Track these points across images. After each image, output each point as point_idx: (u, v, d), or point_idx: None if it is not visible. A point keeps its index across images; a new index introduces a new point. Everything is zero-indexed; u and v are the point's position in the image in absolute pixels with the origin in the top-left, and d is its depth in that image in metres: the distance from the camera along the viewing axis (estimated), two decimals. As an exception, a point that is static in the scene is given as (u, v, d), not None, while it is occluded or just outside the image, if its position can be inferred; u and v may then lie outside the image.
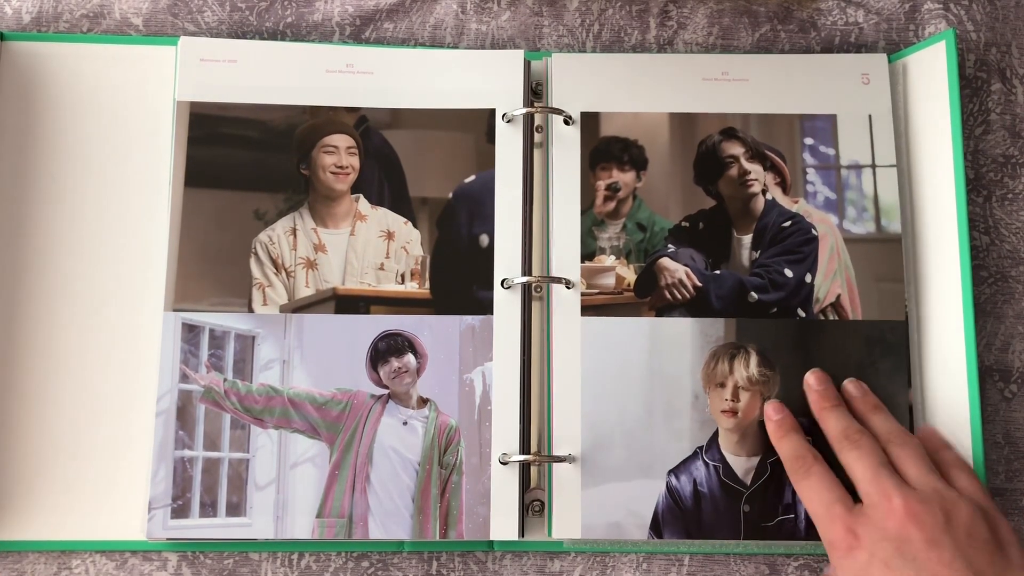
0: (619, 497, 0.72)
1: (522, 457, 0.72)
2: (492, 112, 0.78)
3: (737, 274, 0.75)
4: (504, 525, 0.72)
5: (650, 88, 0.79)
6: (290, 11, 0.82)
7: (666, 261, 0.76)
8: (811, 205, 0.77)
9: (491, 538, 0.72)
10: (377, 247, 0.76)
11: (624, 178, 0.77)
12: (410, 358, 0.74)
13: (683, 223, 0.77)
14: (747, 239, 0.76)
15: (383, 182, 0.77)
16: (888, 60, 0.79)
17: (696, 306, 0.75)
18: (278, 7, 0.82)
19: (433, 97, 0.78)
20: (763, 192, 0.77)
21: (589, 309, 0.75)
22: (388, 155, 0.78)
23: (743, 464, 0.72)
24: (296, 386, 0.73)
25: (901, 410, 0.73)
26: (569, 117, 0.77)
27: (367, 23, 0.82)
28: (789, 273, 0.75)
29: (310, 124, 0.77)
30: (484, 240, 0.76)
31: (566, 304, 0.75)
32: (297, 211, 0.76)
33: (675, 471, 0.72)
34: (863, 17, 0.82)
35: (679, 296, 0.75)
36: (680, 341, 0.74)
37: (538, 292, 0.75)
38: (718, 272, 0.75)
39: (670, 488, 0.72)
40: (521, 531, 0.72)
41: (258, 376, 0.73)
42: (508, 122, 0.77)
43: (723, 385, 0.73)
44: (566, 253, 0.75)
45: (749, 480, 0.72)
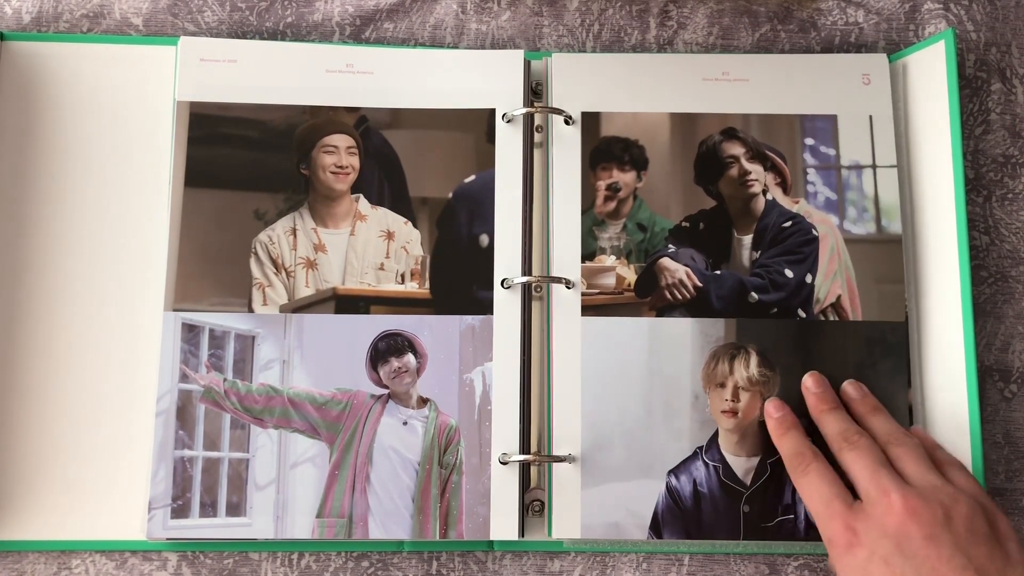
0: (619, 497, 0.72)
1: (522, 457, 0.72)
2: (492, 112, 0.78)
3: (737, 274, 0.75)
4: (504, 525, 0.72)
5: (651, 88, 0.79)
6: (290, 11, 0.82)
7: (666, 261, 0.76)
8: (811, 205, 0.77)
9: (491, 538, 0.72)
10: (377, 247, 0.76)
11: (625, 178, 0.77)
12: (410, 358, 0.74)
13: (683, 223, 0.77)
14: (747, 239, 0.76)
15: (383, 182, 0.77)
16: (888, 60, 0.79)
17: (696, 306, 0.75)
18: (278, 7, 0.82)
19: (433, 97, 0.78)
20: (764, 192, 0.77)
21: (589, 309, 0.75)
22: (388, 155, 0.78)
23: (743, 464, 0.72)
24: (296, 386, 0.73)
25: (901, 411, 0.73)
26: (569, 117, 0.77)
27: (367, 23, 0.82)
28: (789, 273, 0.75)
29: (310, 124, 0.77)
30: (484, 240, 0.76)
31: (566, 304, 0.75)
32: (297, 211, 0.76)
33: (675, 471, 0.72)
34: (863, 17, 0.82)
35: (679, 296, 0.75)
36: (680, 341, 0.74)
37: (538, 292, 0.75)
38: (718, 272, 0.75)
39: (670, 488, 0.72)
40: (521, 531, 0.72)
41: (258, 376, 0.73)
42: (508, 122, 0.77)
43: (723, 385, 0.73)
44: (566, 253, 0.75)
45: (749, 480, 0.72)
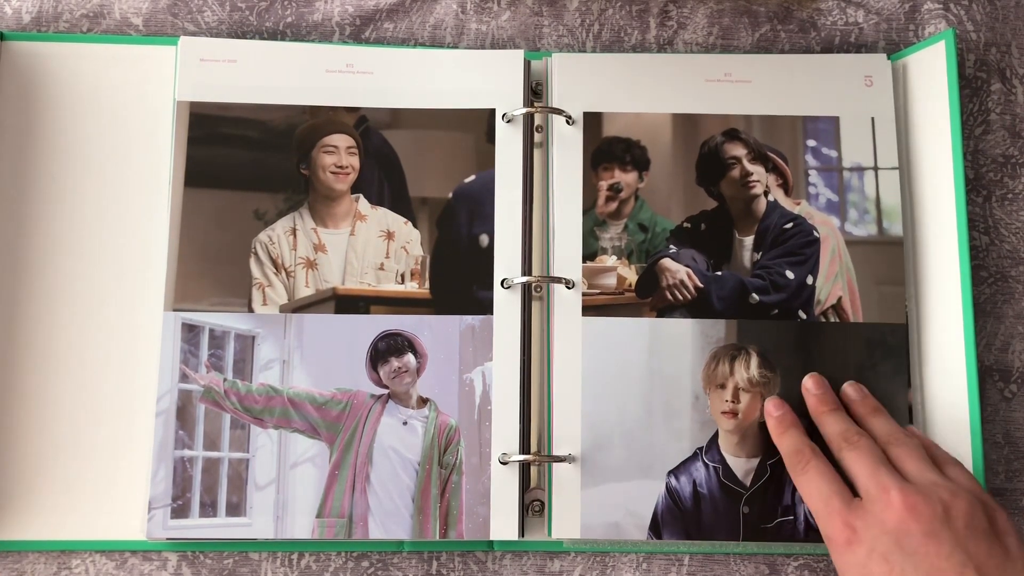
0: (619, 497, 0.72)
1: (522, 457, 0.72)
2: (492, 112, 0.78)
3: (738, 275, 0.75)
4: (504, 525, 0.72)
5: (652, 89, 0.78)
6: (290, 11, 0.82)
7: (668, 262, 0.76)
8: (813, 207, 0.77)
9: (491, 538, 0.72)
10: (377, 247, 0.76)
11: (626, 178, 0.77)
12: (410, 358, 0.74)
13: (685, 224, 0.77)
14: (749, 240, 0.76)
15: (383, 182, 0.77)
16: (888, 60, 0.79)
17: (697, 307, 0.75)
18: (278, 7, 0.81)
19: (433, 97, 0.78)
20: (765, 194, 0.77)
21: (590, 309, 0.75)
22: (388, 155, 0.78)
23: (743, 465, 0.72)
24: (296, 386, 0.73)
25: (901, 411, 0.73)
26: (570, 117, 0.77)
27: (367, 23, 0.82)
28: (790, 275, 0.75)
29: (310, 124, 0.77)
30: (484, 240, 0.76)
31: (567, 304, 0.75)
32: (297, 211, 0.76)
33: (675, 472, 0.72)
34: (863, 17, 0.82)
35: (680, 297, 0.75)
36: (681, 342, 0.74)
37: (538, 292, 0.75)
38: (719, 273, 0.75)
39: (670, 489, 0.72)
40: (521, 531, 0.72)
41: (258, 376, 0.73)
42: (508, 122, 0.77)
43: (723, 386, 0.73)
44: (567, 253, 0.75)
45: (749, 481, 0.72)
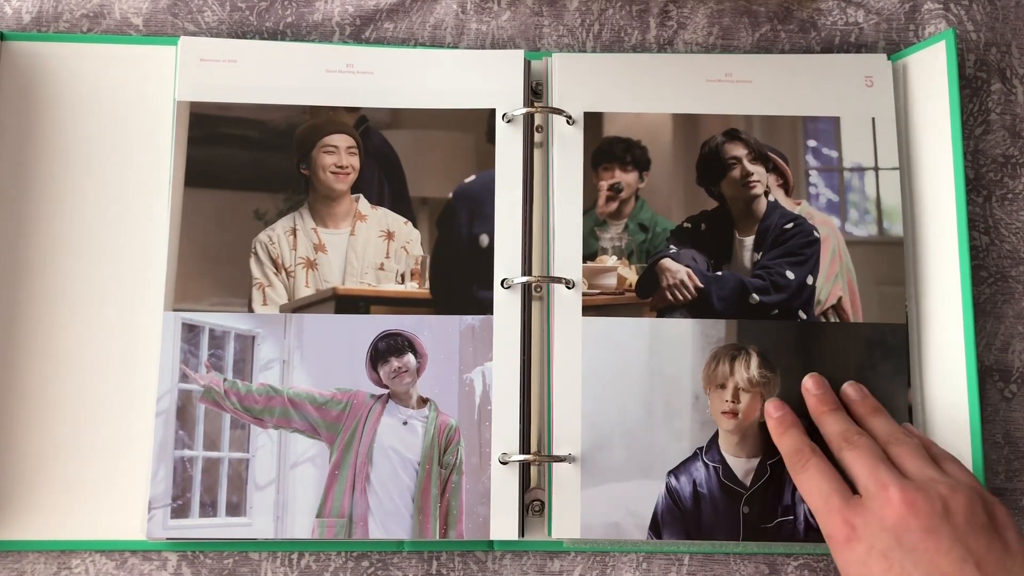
0: (619, 497, 0.72)
1: (522, 457, 0.72)
2: (492, 112, 0.78)
3: (739, 275, 0.75)
4: (504, 525, 0.72)
5: (653, 89, 0.78)
6: (290, 11, 0.81)
7: (668, 262, 0.76)
8: (813, 207, 0.77)
9: (491, 538, 0.72)
10: (377, 247, 0.76)
11: (627, 178, 0.77)
12: (410, 358, 0.74)
13: (685, 224, 0.77)
14: (749, 240, 0.76)
15: (383, 182, 0.77)
16: (888, 60, 0.79)
17: (697, 307, 0.75)
18: (278, 7, 0.81)
19: (433, 97, 0.78)
20: (765, 194, 0.77)
21: (590, 309, 0.75)
22: (388, 155, 0.78)
23: (743, 465, 0.72)
24: (296, 386, 0.73)
25: (901, 411, 0.73)
26: (570, 117, 0.77)
27: (367, 23, 0.82)
28: (791, 275, 0.75)
29: (310, 124, 0.77)
30: (484, 240, 0.76)
31: (567, 304, 0.75)
32: (297, 211, 0.76)
33: (675, 472, 0.72)
34: (863, 17, 0.82)
35: (680, 297, 0.75)
36: (681, 342, 0.74)
37: (538, 292, 0.75)
38: (720, 273, 0.75)
39: (670, 489, 0.72)
40: (521, 531, 0.72)
41: (258, 376, 0.73)
42: (508, 122, 0.77)
43: (723, 386, 0.73)
44: (567, 253, 0.75)
45: (749, 481, 0.72)
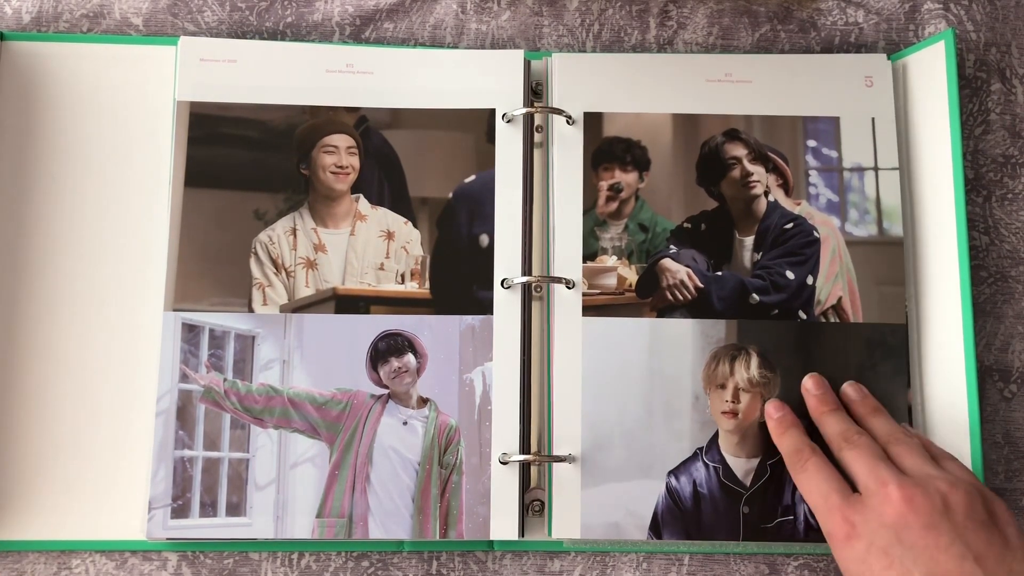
0: (619, 497, 0.72)
1: (522, 457, 0.72)
2: (492, 112, 0.78)
3: (739, 275, 0.75)
4: (504, 525, 0.72)
5: (653, 89, 0.78)
6: (290, 11, 0.81)
7: (668, 262, 0.76)
8: (813, 207, 0.77)
9: (491, 538, 0.72)
10: (377, 247, 0.76)
11: (627, 178, 0.77)
12: (410, 358, 0.74)
13: (685, 224, 0.77)
14: (749, 241, 0.76)
15: (383, 182, 0.77)
16: (888, 60, 0.79)
17: (697, 307, 0.75)
18: (278, 7, 0.81)
19: (433, 97, 0.78)
20: (765, 194, 0.77)
21: (590, 309, 0.75)
22: (388, 155, 0.78)
23: (743, 465, 0.72)
24: (296, 386, 0.73)
25: (901, 411, 0.73)
26: (570, 117, 0.77)
27: (367, 23, 0.82)
28: (791, 275, 0.75)
29: (310, 124, 0.77)
30: (484, 240, 0.76)
31: (567, 304, 0.75)
32: (297, 211, 0.76)
33: (675, 472, 0.72)
34: (863, 17, 0.82)
35: (680, 297, 0.75)
36: (681, 342, 0.74)
37: (538, 292, 0.75)
38: (720, 273, 0.75)
39: (670, 489, 0.72)
40: (521, 531, 0.72)
41: (258, 376, 0.73)
42: (508, 122, 0.77)
43: (724, 386, 0.73)
44: (567, 253, 0.75)
45: (749, 482, 0.72)
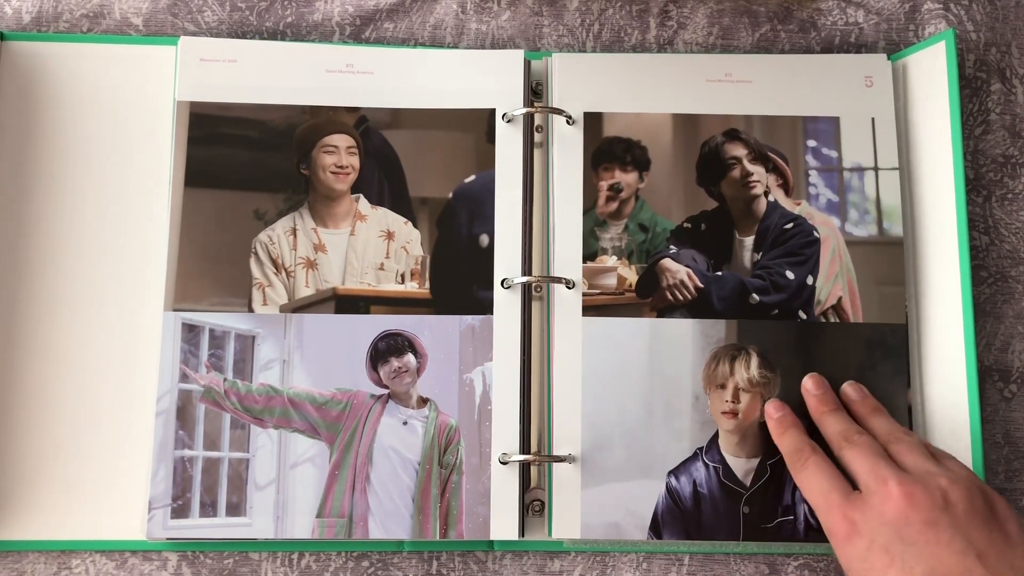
0: (619, 497, 0.72)
1: (522, 457, 0.72)
2: (492, 112, 0.78)
3: (739, 275, 0.75)
4: (504, 525, 0.72)
5: (653, 89, 0.78)
6: (290, 11, 0.81)
7: (668, 262, 0.76)
8: (813, 207, 0.77)
9: (491, 538, 0.72)
10: (377, 247, 0.76)
11: (627, 178, 0.77)
12: (410, 358, 0.74)
13: (685, 224, 0.77)
14: (749, 241, 0.76)
15: (383, 182, 0.77)
16: (888, 60, 0.79)
17: (697, 307, 0.75)
18: (278, 7, 0.81)
19: (433, 97, 0.78)
20: (765, 194, 0.77)
21: (590, 309, 0.75)
22: (388, 155, 0.78)
23: (743, 465, 0.72)
24: (296, 386, 0.73)
25: (901, 411, 0.73)
26: (570, 117, 0.77)
27: (367, 23, 0.82)
28: (791, 275, 0.75)
29: (310, 124, 0.77)
30: (484, 240, 0.76)
31: (567, 304, 0.75)
32: (297, 211, 0.76)
33: (675, 472, 0.72)
34: (863, 17, 0.82)
35: (680, 297, 0.75)
36: (681, 342, 0.74)
37: (538, 292, 0.75)
38: (720, 273, 0.75)
39: (670, 489, 0.72)
40: (521, 531, 0.72)
41: (258, 376, 0.73)
42: (508, 122, 0.77)
43: (724, 386, 0.73)
44: (567, 253, 0.75)
45: (749, 482, 0.72)
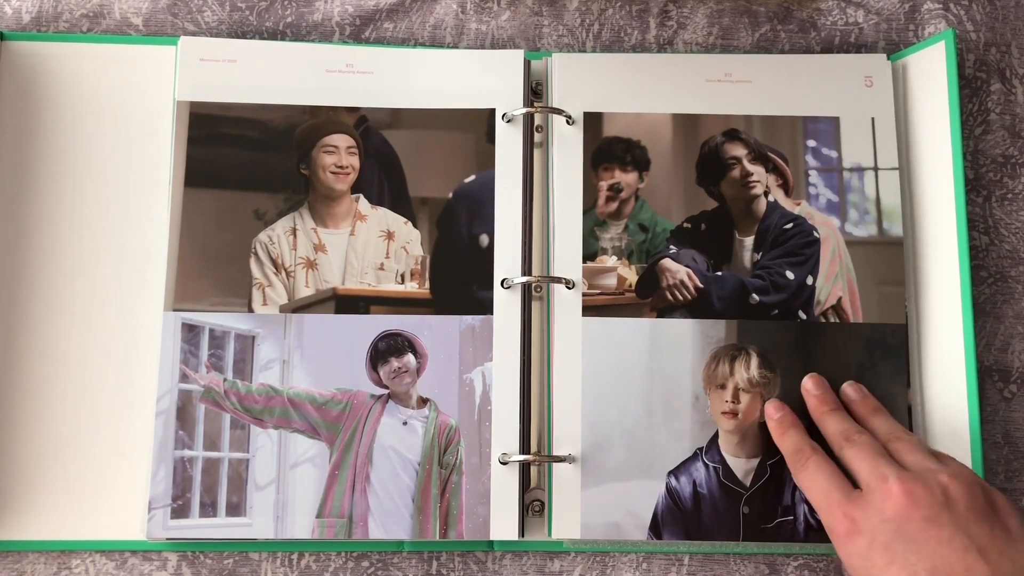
0: (619, 497, 0.72)
1: (522, 457, 0.72)
2: (492, 112, 0.78)
3: (738, 276, 0.75)
4: (504, 525, 0.72)
5: (653, 89, 0.78)
6: (290, 11, 0.81)
7: (668, 262, 0.76)
8: (813, 207, 0.77)
9: (491, 538, 0.72)
10: (377, 247, 0.76)
11: (626, 178, 0.77)
12: (410, 358, 0.74)
13: (685, 224, 0.77)
14: (749, 241, 0.76)
15: (383, 182, 0.77)
16: (888, 60, 0.79)
17: (697, 307, 0.75)
18: (278, 7, 0.81)
19: (433, 97, 0.78)
20: (765, 194, 0.77)
21: (590, 309, 0.75)
22: (388, 155, 0.78)
23: (743, 466, 0.72)
24: (296, 386, 0.73)
25: (901, 412, 0.73)
26: (570, 117, 0.77)
27: (367, 23, 0.82)
28: (790, 275, 0.75)
29: (310, 124, 0.77)
30: (484, 240, 0.76)
31: (567, 304, 0.75)
32: (297, 211, 0.76)
33: (675, 472, 0.72)
34: (863, 17, 0.82)
35: (680, 297, 0.75)
36: (681, 342, 0.74)
37: (538, 292, 0.75)
38: (720, 273, 0.75)
39: (670, 489, 0.72)
40: (521, 531, 0.72)
41: (258, 376, 0.73)
42: (508, 122, 0.77)
43: (723, 386, 0.73)
44: (567, 253, 0.75)
45: (749, 482, 0.72)
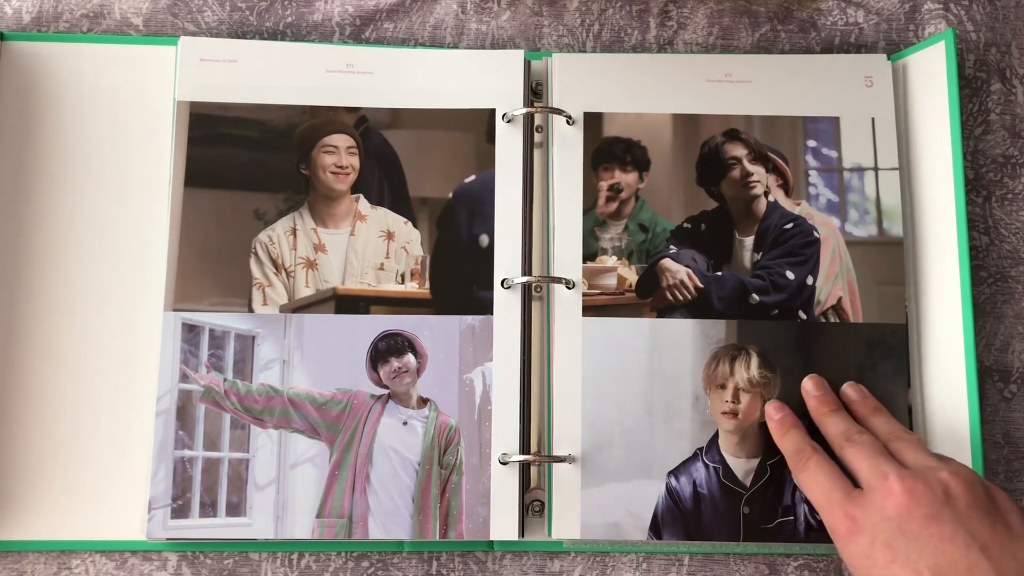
0: (619, 497, 0.72)
1: (522, 457, 0.72)
2: (492, 112, 0.78)
3: (739, 276, 0.75)
4: (504, 525, 0.72)
5: (653, 89, 0.78)
6: (290, 11, 0.81)
7: (668, 262, 0.76)
8: (813, 207, 0.77)
9: (491, 538, 0.72)
10: (377, 247, 0.76)
11: (626, 179, 0.77)
12: (410, 358, 0.74)
13: (685, 224, 0.77)
14: (749, 241, 0.76)
15: (383, 182, 0.77)
16: (888, 60, 0.79)
17: (697, 307, 0.75)
18: (278, 7, 0.81)
19: (433, 97, 0.78)
20: (765, 194, 0.77)
21: (590, 309, 0.75)
22: (388, 155, 0.78)
23: (743, 466, 0.72)
24: (296, 386, 0.73)
25: (901, 412, 0.73)
26: (570, 117, 0.77)
27: (367, 23, 0.82)
28: (791, 275, 0.75)
29: (310, 124, 0.77)
30: (484, 240, 0.76)
31: (567, 304, 0.75)
32: (297, 211, 0.76)
33: (675, 472, 0.72)
34: (863, 17, 0.82)
35: (680, 297, 0.75)
36: (681, 342, 0.74)
37: (538, 292, 0.75)
38: (720, 273, 0.75)
39: (670, 489, 0.72)
40: (521, 531, 0.72)
41: (258, 376, 0.73)
42: (508, 122, 0.77)
43: (724, 386, 0.73)
44: (567, 253, 0.75)
45: (749, 482, 0.72)
